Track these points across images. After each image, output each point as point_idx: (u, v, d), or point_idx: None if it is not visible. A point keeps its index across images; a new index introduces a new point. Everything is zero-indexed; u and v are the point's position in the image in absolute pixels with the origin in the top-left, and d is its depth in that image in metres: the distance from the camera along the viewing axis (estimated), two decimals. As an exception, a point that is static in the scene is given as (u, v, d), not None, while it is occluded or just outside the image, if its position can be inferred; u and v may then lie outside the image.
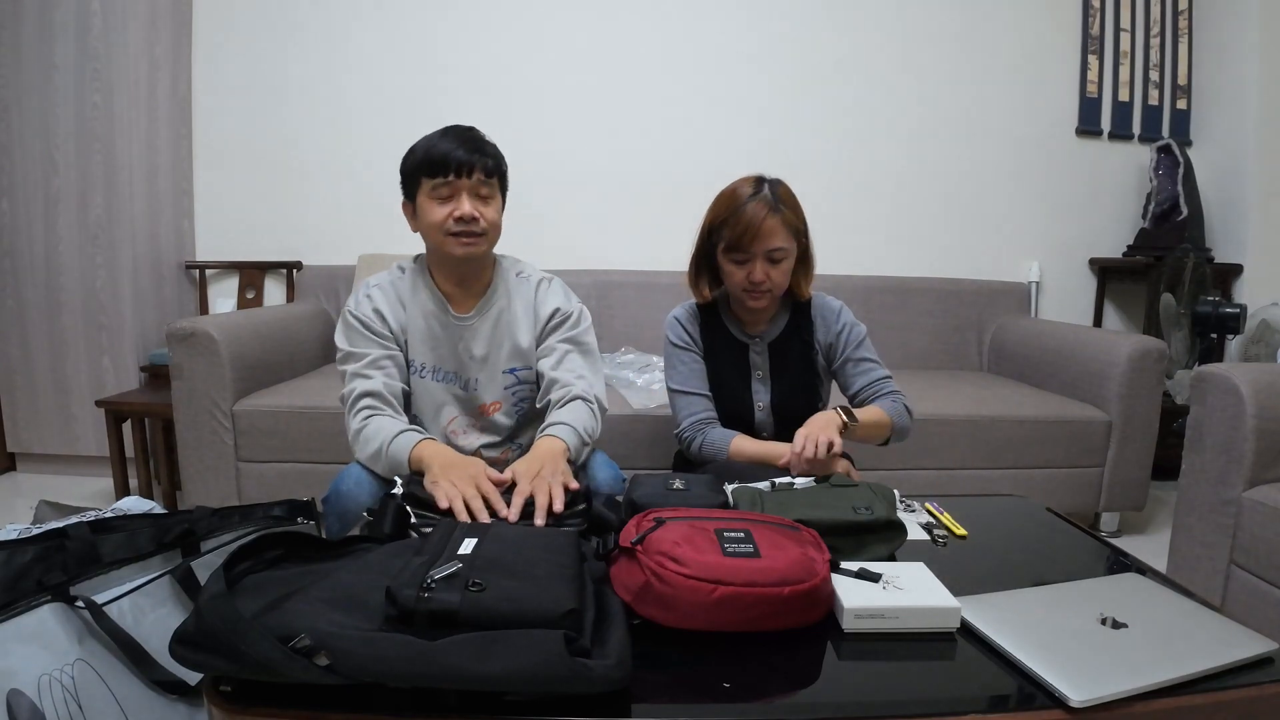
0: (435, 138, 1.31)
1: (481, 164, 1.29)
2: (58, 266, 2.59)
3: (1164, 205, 2.96)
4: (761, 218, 1.38)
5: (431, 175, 1.28)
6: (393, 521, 0.98)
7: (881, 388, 1.50)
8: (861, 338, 1.54)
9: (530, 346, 1.42)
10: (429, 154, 1.28)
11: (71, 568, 0.94)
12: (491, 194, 1.33)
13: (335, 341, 1.37)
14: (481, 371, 1.40)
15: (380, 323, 1.35)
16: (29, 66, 2.51)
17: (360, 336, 1.34)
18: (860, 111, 3.02)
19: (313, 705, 0.67)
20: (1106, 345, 2.34)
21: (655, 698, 0.73)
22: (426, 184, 1.29)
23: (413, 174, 1.31)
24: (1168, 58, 3.11)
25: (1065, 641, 0.80)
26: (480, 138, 1.33)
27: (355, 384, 1.31)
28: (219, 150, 2.90)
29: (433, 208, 1.29)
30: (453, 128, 1.33)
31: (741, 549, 0.85)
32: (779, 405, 1.54)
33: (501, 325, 1.40)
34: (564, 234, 2.96)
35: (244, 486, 2.14)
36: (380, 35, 2.87)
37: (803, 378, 1.55)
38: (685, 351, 1.55)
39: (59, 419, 2.67)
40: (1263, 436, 1.55)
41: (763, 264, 1.41)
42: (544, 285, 1.44)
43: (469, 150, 1.28)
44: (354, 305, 1.36)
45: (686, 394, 1.52)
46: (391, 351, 1.35)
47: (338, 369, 1.36)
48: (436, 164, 1.27)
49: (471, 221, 1.29)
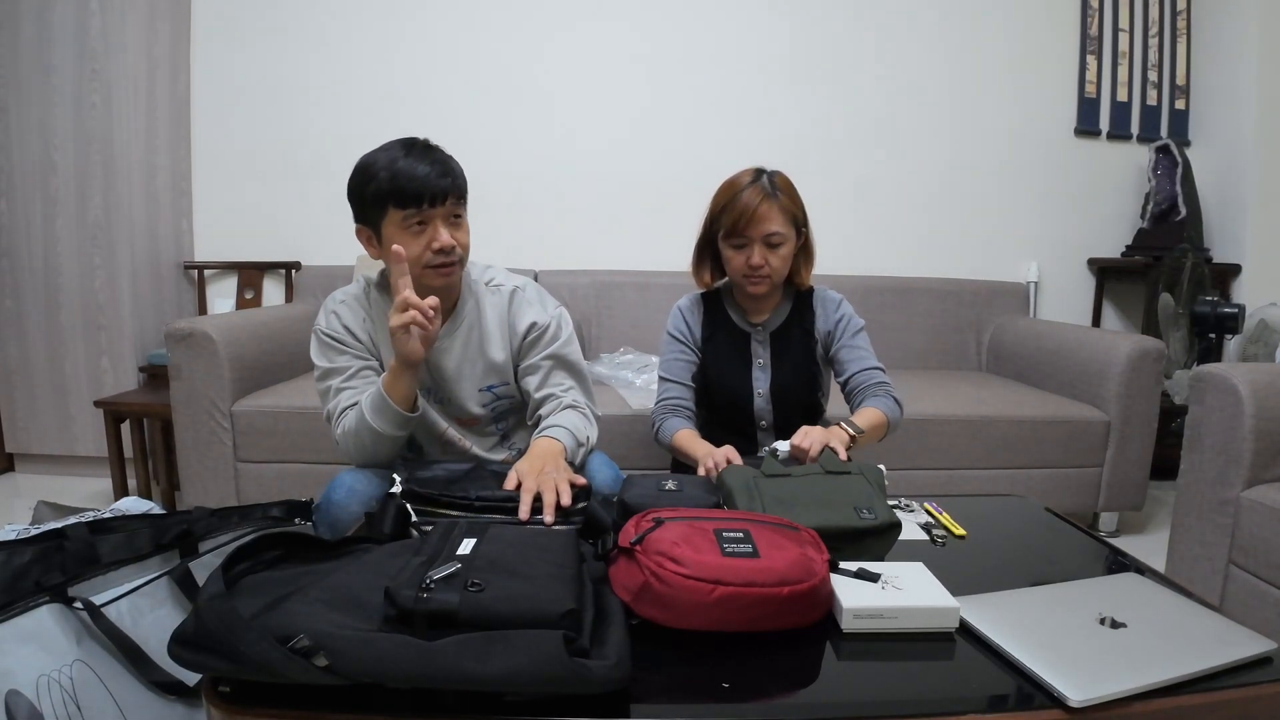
0: (397, 158, 1.20)
1: (454, 189, 1.22)
2: (56, 267, 2.59)
3: (1162, 205, 2.97)
4: (757, 203, 1.43)
5: (402, 205, 1.19)
6: (393, 521, 0.98)
7: (871, 378, 1.53)
8: (859, 328, 1.58)
9: (506, 362, 1.38)
10: (397, 181, 1.18)
11: (70, 568, 0.94)
12: (462, 215, 1.28)
13: (312, 359, 1.34)
14: (456, 388, 1.37)
15: (350, 337, 1.33)
16: (27, 66, 2.51)
17: (335, 352, 1.32)
18: (858, 111, 3.02)
19: (311, 706, 0.67)
20: (1105, 345, 2.35)
21: (654, 698, 0.73)
22: (395, 214, 1.20)
23: (376, 203, 1.21)
24: (1166, 58, 3.11)
25: (1064, 641, 0.80)
26: (445, 157, 1.25)
27: (340, 398, 1.29)
28: (218, 150, 2.90)
29: (406, 240, 1.20)
30: (412, 145, 1.23)
31: (740, 549, 0.85)
32: (778, 393, 1.57)
33: (473, 342, 1.37)
34: (563, 234, 2.96)
35: (243, 487, 2.14)
36: (379, 35, 2.87)
37: (803, 366, 1.58)
38: (678, 344, 1.60)
39: (57, 419, 2.67)
40: (1261, 436, 1.55)
41: (761, 249, 1.45)
42: (518, 295, 1.38)
43: (439, 175, 1.20)
44: (323, 323, 1.33)
45: (667, 380, 1.60)
46: (369, 362, 1.33)
47: (318, 387, 1.33)
48: (408, 194, 1.18)
49: (450, 252, 1.23)
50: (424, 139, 1.26)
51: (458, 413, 1.40)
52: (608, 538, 0.92)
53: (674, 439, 1.51)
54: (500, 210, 2.82)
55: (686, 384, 1.59)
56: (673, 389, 1.59)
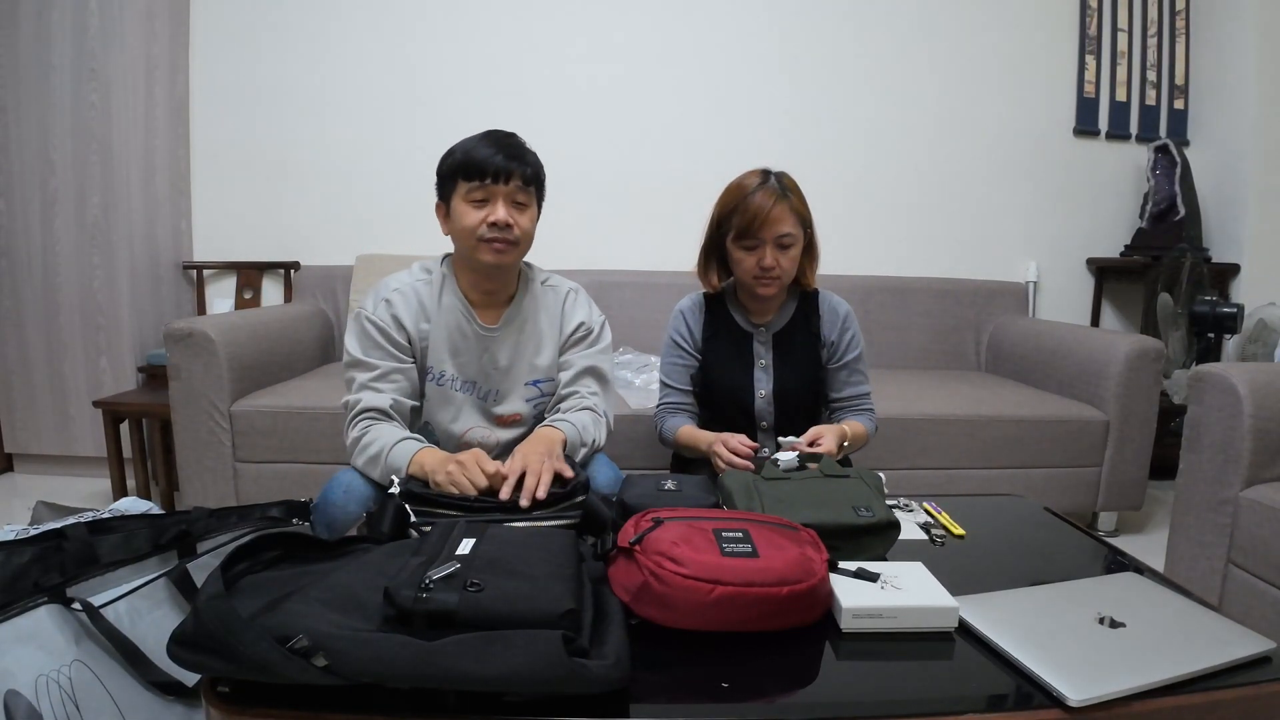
0: (475, 141, 1.29)
1: (520, 171, 1.27)
2: (55, 267, 2.59)
3: (1161, 205, 2.97)
4: (770, 205, 1.43)
5: (468, 179, 1.27)
6: (392, 521, 0.98)
7: (862, 404, 1.61)
8: (860, 348, 1.61)
9: (553, 359, 1.41)
10: (467, 157, 1.26)
11: (69, 569, 0.93)
12: (528, 202, 1.31)
13: (345, 343, 1.33)
14: (504, 383, 1.38)
15: (398, 330, 1.31)
16: (26, 66, 2.51)
17: (374, 345, 1.30)
18: (857, 112, 3.02)
19: (311, 706, 0.67)
20: (1104, 345, 2.35)
21: (654, 698, 0.73)
22: (463, 187, 1.27)
23: (449, 176, 1.29)
24: (1165, 57, 3.11)
25: (1063, 641, 0.80)
26: (521, 144, 1.31)
27: (363, 396, 1.28)
28: (216, 150, 2.89)
29: (467, 212, 1.27)
30: (493, 132, 1.31)
31: (740, 549, 0.85)
32: (780, 394, 1.57)
33: (526, 336, 1.39)
34: (563, 234, 2.94)
35: (241, 487, 2.13)
36: (378, 35, 2.87)
37: (806, 368, 1.58)
38: (678, 349, 1.61)
39: (56, 419, 2.66)
40: (1260, 436, 1.55)
41: (772, 250, 1.45)
42: (571, 296, 1.44)
43: (508, 156, 1.26)
44: (371, 309, 1.31)
45: (667, 385, 1.63)
46: (405, 365, 1.32)
47: (344, 374, 1.32)
48: (474, 168, 1.26)
49: (505, 229, 1.27)
50: (509, 131, 1.33)
51: (502, 408, 1.39)
52: (607, 537, 0.92)
53: (677, 435, 1.54)
54: (499, 210, 2.82)
55: (686, 389, 1.62)
56: (673, 394, 1.62)
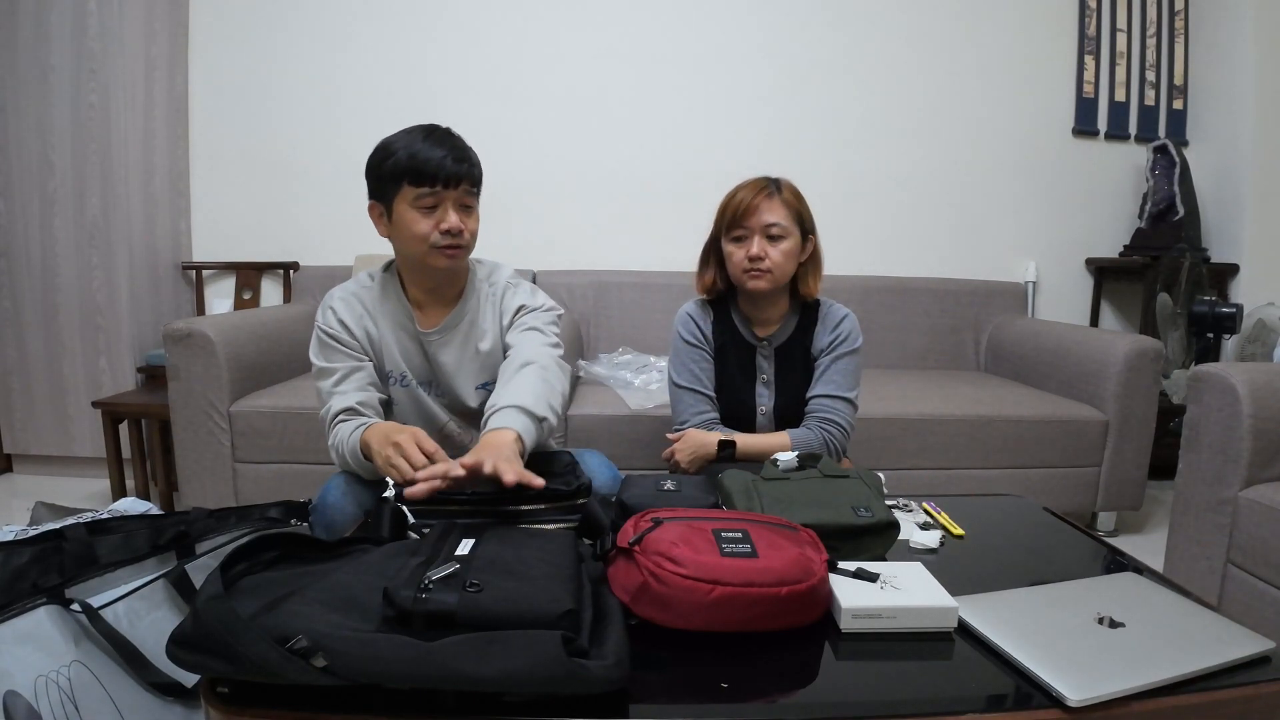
0: (417, 141, 1.24)
1: (469, 175, 1.26)
2: (54, 267, 2.59)
3: (1160, 205, 2.97)
4: (753, 195, 1.44)
5: (416, 184, 1.23)
6: (389, 525, 0.98)
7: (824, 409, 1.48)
8: (850, 351, 1.52)
9: (497, 349, 1.38)
10: (414, 161, 1.22)
11: (68, 569, 0.94)
12: (473, 204, 1.31)
13: (310, 357, 1.34)
14: (454, 382, 1.38)
15: (346, 334, 1.32)
16: (25, 67, 2.51)
17: (331, 350, 1.32)
18: (856, 112, 3.03)
19: (310, 707, 0.67)
20: (1103, 345, 2.35)
21: (653, 698, 0.73)
22: (409, 192, 1.24)
23: (392, 178, 1.24)
24: (1164, 58, 3.12)
25: (1062, 641, 0.80)
26: (464, 145, 1.28)
27: (332, 402, 1.29)
28: (215, 151, 2.90)
29: (416, 218, 1.25)
30: (432, 130, 1.27)
31: (739, 549, 0.85)
32: (781, 410, 1.54)
33: (472, 338, 1.38)
34: (562, 234, 2.96)
35: (241, 487, 2.13)
36: (377, 35, 2.87)
37: (804, 384, 1.54)
38: (695, 349, 1.54)
39: (55, 420, 2.66)
40: (1259, 436, 1.55)
41: (760, 240, 1.43)
42: (510, 290, 1.40)
43: (456, 159, 1.24)
44: (320, 319, 1.33)
45: (691, 391, 1.52)
46: (362, 362, 1.33)
47: (315, 385, 1.33)
48: (423, 173, 1.22)
49: (458, 234, 1.26)
50: (446, 127, 1.29)
51: (458, 406, 1.40)
52: (606, 538, 0.91)
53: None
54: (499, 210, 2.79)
55: (711, 395, 1.52)
56: (702, 400, 1.51)
